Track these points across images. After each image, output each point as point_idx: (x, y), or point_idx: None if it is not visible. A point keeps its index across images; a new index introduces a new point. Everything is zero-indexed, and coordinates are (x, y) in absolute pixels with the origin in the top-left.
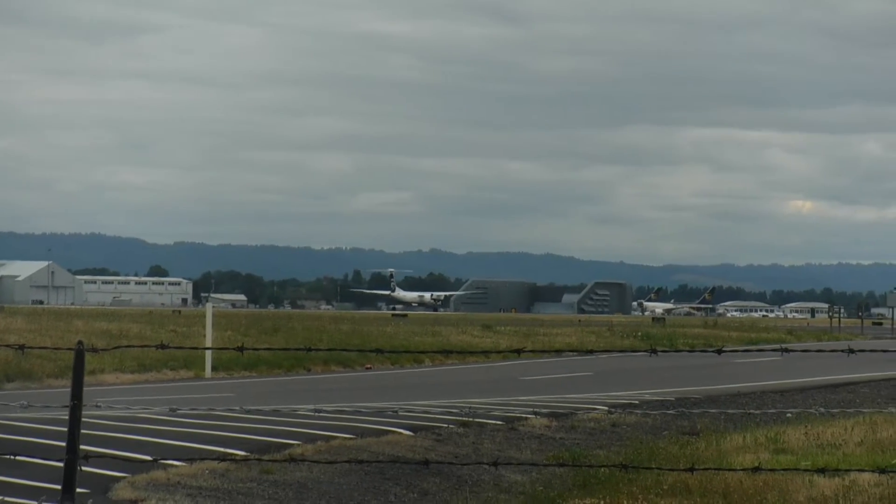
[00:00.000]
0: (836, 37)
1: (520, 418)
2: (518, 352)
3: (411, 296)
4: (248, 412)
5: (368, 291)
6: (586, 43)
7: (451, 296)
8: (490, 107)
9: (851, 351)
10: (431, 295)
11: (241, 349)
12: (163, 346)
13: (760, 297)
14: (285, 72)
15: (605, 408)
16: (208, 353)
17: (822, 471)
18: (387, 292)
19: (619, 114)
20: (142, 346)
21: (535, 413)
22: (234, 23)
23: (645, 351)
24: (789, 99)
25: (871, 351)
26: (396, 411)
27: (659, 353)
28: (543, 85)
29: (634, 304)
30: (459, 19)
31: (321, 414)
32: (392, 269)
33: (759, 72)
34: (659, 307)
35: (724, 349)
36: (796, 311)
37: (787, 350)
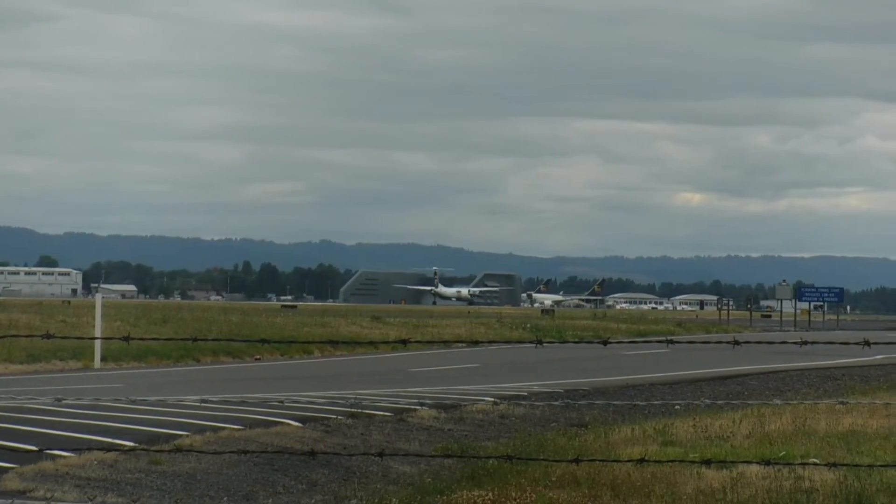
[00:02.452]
0: (725, 29)
1: (408, 410)
2: (404, 342)
3: (451, 291)
4: (134, 402)
5: (412, 287)
6: (474, 34)
7: (485, 290)
8: (379, 97)
9: (736, 342)
10: (468, 290)
11: (126, 339)
12: (49, 336)
13: (650, 289)
14: (174, 62)
15: (494, 399)
16: (97, 344)
17: (707, 462)
18: (430, 288)
19: (508, 105)
20: (28, 336)
21: (421, 404)
22: (122, 13)
23: (531, 342)
24: (678, 91)
25: (757, 343)
26: (283, 402)
27: (545, 345)
28: (432, 76)
29: (524, 295)
30: (346, 9)
31: (210, 405)
32: (435, 268)
33: (648, 64)
34: (548, 299)
35: (609, 340)
36: (685, 304)
37: (672, 342)
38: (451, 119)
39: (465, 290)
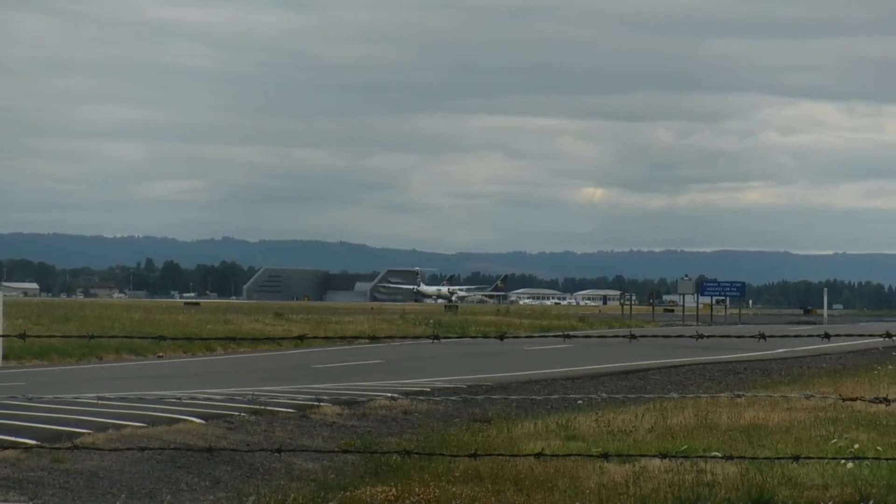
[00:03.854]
0: (626, 24)
1: (311, 406)
2: (301, 338)
3: (432, 290)
4: (32, 400)
5: (394, 285)
6: (377, 30)
7: (463, 288)
8: (281, 94)
9: (633, 336)
10: (448, 288)
11: (23, 336)
12: None
13: (553, 284)
14: (75, 59)
15: (397, 395)
16: None
17: (605, 456)
18: (413, 287)
19: (411, 101)
20: None
21: (323, 400)
22: (23, 10)
23: (427, 337)
24: (580, 86)
25: (653, 336)
26: (185, 399)
27: (451, 341)
28: (334, 72)
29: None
30: (250, 6)
31: (112, 402)
32: (418, 268)
33: (550, 59)
34: (431, 289)
35: (506, 335)
36: (588, 299)
37: (569, 336)
38: (355, 115)
39: (444, 289)
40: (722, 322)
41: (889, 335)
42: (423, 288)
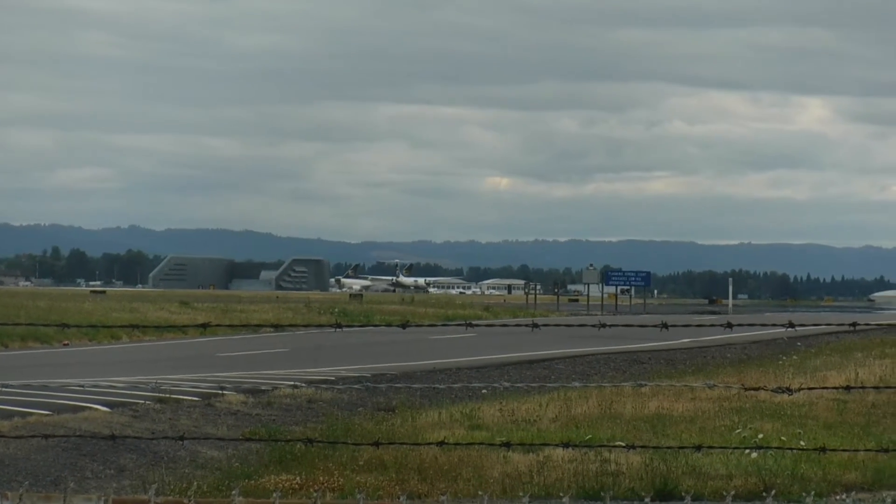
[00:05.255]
0: (532, 14)
1: (216, 394)
2: (205, 326)
3: (409, 281)
4: None
5: (374, 278)
6: (282, 18)
7: (435, 280)
8: (187, 83)
9: (536, 325)
10: (425, 280)
11: None
12: None
13: (458, 273)
14: None
15: (302, 384)
16: None
17: (507, 445)
18: (391, 278)
19: (317, 90)
20: None
21: (229, 389)
22: None
23: (331, 326)
24: (485, 75)
25: (556, 325)
26: (85, 386)
27: (356, 329)
28: (241, 61)
29: (332, 280)
30: None
31: (17, 390)
32: (397, 260)
33: (455, 48)
34: (356, 284)
35: (409, 324)
36: (493, 288)
37: (472, 325)
38: (260, 104)
39: (421, 280)
40: (627, 312)
41: (792, 325)
42: (402, 279)
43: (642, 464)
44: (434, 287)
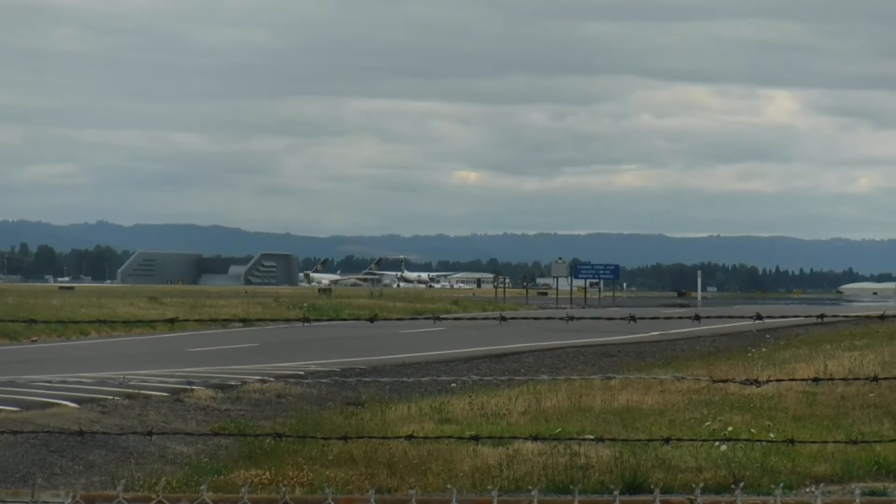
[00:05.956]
0: (500, 7)
1: (185, 390)
2: (173, 321)
3: (413, 275)
4: None
5: (379, 272)
6: (252, 14)
7: (440, 274)
8: (155, 78)
9: (504, 318)
10: (428, 275)
11: None
12: None
13: (426, 267)
14: None
15: (271, 379)
16: None
17: (476, 438)
18: (398, 273)
19: (286, 85)
20: None
21: (191, 384)
22: None
23: (299, 320)
24: (454, 69)
25: (524, 318)
26: (54, 382)
27: (325, 324)
28: (210, 56)
29: (301, 275)
30: None
31: None
32: (403, 256)
33: (424, 42)
34: (325, 278)
35: (377, 317)
36: (462, 282)
37: (439, 318)
38: (230, 99)
39: (424, 275)
40: (596, 305)
41: (760, 317)
42: (407, 274)
43: (612, 457)
44: (439, 282)
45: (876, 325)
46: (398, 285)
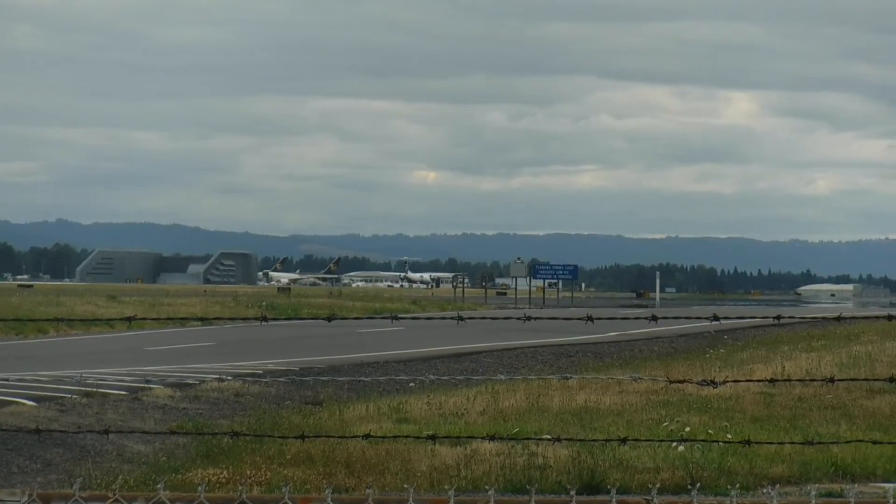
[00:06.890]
0: (459, 7)
1: (143, 388)
2: (130, 319)
3: (416, 276)
4: None
5: (384, 273)
6: (213, 12)
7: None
8: (114, 76)
9: (461, 318)
10: (430, 275)
11: None
12: None
13: (386, 266)
14: None
15: (229, 377)
16: None
17: (433, 438)
18: (401, 274)
19: (245, 84)
20: None
21: (156, 382)
22: None
23: (258, 319)
24: (413, 69)
25: (482, 318)
26: (9, 380)
27: (284, 323)
28: (168, 55)
29: (260, 274)
30: None
31: None
32: (406, 258)
33: (382, 41)
34: (284, 277)
35: (335, 317)
36: (421, 282)
37: (397, 318)
38: (189, 98)
39: (427, 275)
40: (554, 305)
41: (717, 318)
42: (410, 274)
43: (569, 457)
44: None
45: (833, 326)
46: (401, 286)
